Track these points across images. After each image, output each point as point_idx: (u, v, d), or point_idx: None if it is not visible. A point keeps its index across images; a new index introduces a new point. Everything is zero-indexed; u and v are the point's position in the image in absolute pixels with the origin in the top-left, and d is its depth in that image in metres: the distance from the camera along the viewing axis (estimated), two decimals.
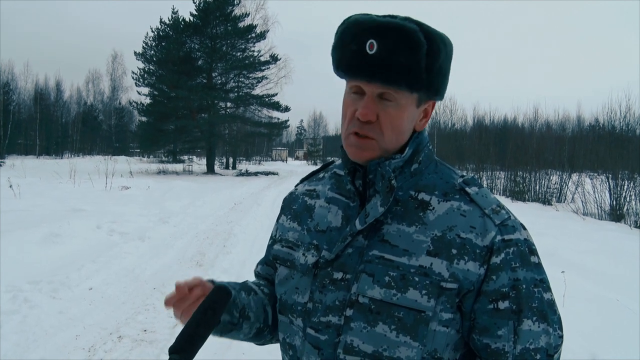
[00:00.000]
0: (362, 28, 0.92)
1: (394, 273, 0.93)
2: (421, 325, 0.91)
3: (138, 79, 31.80)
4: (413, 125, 1.00)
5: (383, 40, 0.89)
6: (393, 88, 0.92)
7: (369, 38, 0.90)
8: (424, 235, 0.94)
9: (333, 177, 1.11)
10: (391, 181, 0.96)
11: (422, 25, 0.92)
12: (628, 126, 17.49)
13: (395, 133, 0.96)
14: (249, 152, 57.20)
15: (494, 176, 20.84)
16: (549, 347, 0.93)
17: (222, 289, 0.97)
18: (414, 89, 0.93)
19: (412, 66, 0.90)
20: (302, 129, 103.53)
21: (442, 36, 0.94)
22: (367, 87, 0.94)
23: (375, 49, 0.90)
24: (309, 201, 1.13)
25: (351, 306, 0.95)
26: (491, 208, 0.96)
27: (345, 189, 1.05)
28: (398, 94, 0.93)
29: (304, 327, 1.01)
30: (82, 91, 62.46)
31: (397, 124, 0.95)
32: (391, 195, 0.96)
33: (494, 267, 0.92)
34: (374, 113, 0.94)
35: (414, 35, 0.89)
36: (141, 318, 4.56)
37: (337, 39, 0.97)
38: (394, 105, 0.94)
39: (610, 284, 5.82)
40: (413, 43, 0.89)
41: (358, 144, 0.96)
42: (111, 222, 8.71)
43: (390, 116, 0.94)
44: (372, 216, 0.96)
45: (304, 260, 1.04)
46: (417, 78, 0.91)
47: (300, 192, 1.18)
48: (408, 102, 0.95)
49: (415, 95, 0.95)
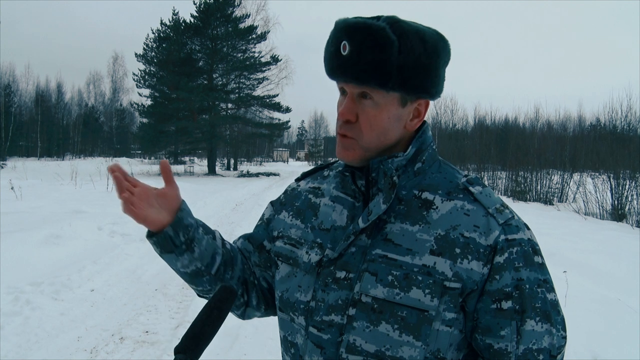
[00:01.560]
0: (337, 30, 0.94)
1: (397, 272, 0.93)
2: (424, 325, 0.91)
3: (139, 81, 31.89)
4: (402, 124, 0.99)
5: (352, 41, 0.91)
6: (367, 87, 0.93)
7: (342, 39, 0.92)
8: (428, 235, 0.94)
9: (338, 175, 1.10)
10: (393, 177, 0.96)
11: (398, 22, 0.91)
12: (629, 125, 17.51)
13: (375, 132, 0.96)
14: (250, 153, 57.28)
15: (495, 176, 20.85)
16: (552, 347, 0.93)
17: (228, 288, 0.96)
18: (387, 87, 0.92)
19: (380, 64, 0.89)
20: (303, 130, 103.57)
21: (420, 32, 0.92)
22: (347, 87, 0.96)
23: (347, 49, 0.91)
24: (313, 199, 1.12)
25: (354, 305, 0.95)
26: (495, 207, 0.96)
27: (350, 188, 1.05)
28: (374, 92, 0.93)
29: (306, 325, 1.01)
30: (83, 93, 62.70)
31: (376, 123, 0.95)
32: (393, 191, 0.96)
33: (497, 267, 0.91)
34: (352, 113, 0.95)
35: (381, 33, 0.89)
36: (143, 319, 4.56)
37: (326, 42, 0.99)
38: (372, 104, 0.95)
39: (612, 284, 5.82)
40: (380, 41, 0.89)
41: (341, 144, 0.99)
42: (112, 224, 8.70)
43: (368, 115, 0.95)
44: (374, 214, 0.95)
45: (307, 258, 1.04)
46: (387, 75, 0.90)
47: (304, 188, 1.17)
48: (387, 102, 0.94)
49: (395, 94, 0.94)
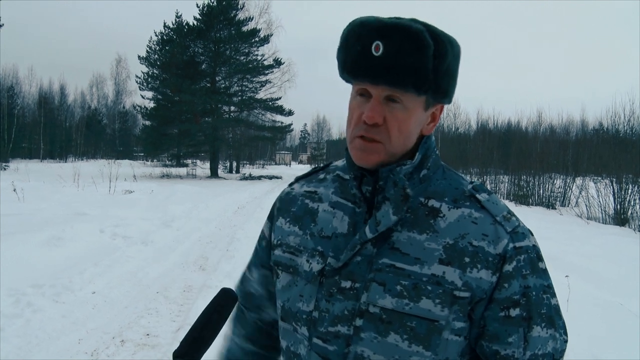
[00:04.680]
0: (367, 29, 0.90)
1: (406, 282, 0.91)
2: (434, 335, 0.90)
3: (142, 83, 31.96)
4: (420, 129, 0.98)
5: (389, 41, 0.87)
6: (400, 90, 0.90)
7: (375, 39, 0.88)
8: (436, 243, 0.93)
9: (336, 180, 1.07)
10: (406, 189, 0.94)
11: (429, 26, 0.90)
12: (632, 130, 17.45)
13: (402, 136, 0.94)
14: (253, 156, 57.31)
15: (497, 180, 20.83)
16: (555, 351, 0.94)
17: (228, 291, 0.95)
18: (421, 91, 0.90)
19: (418, 67, 0.87)
20: (305, 133, 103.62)
21: (449, 38, 0.92)
22: (374, 90, 0.91)
23: (382, 50, 0.87)
24: (310, 204, 1.09)
25: (361, 316, 0.93)
26: (502, 215, 0.95)
27: (350, 193, 1.02)
28: (405, 96, 0.91)
29: (309, 336, 0.99)
30: (86, 95, 62.76)
31: (404, 127, 0.93)
32: (405, 204, 0.94)
33: (506, 275, 0.91)
34: (380, 116, 0.91)
35: (420, 35, 0.87)
36: (144, 322, 4.56)
37: (342, 41, 0.95)
38: (401, 108, 0.92)
39: (614, 288, 5.80)
40: (420, 44, 0.87)
41: (364, 147, 0.94)
42: (114, 226, 8.71)
43: (397, 119, 0.92)
44: (383, 225, 0.94)
45: (308, 267, 1.01)
46: (424, 79, 0.89)
47: (299, 192, 1.13)
48: (415, 105, 0.93)
49: (423, 98, 0.93)
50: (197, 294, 5.42)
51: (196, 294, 5.44)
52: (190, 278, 6.12)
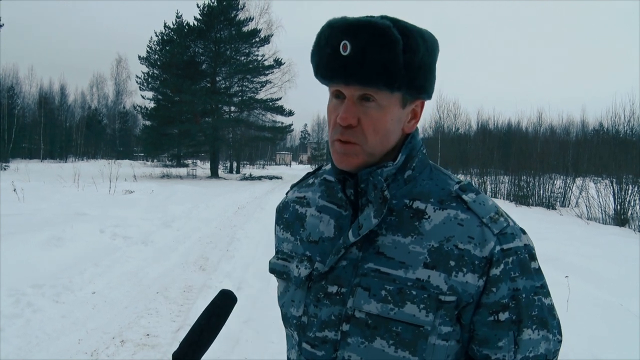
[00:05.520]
0: (335, 30, 0.89)
1: (391, 287, 0.90)
2: (420, 340, 0.89)
3: (142, 83, 31.94)
4: (401, 127, 0.95)
5: (355, 40, 0.86)
6: (372, 88, 0.88)
7: (342, 39, 0.87)
8: (421, 247, 0.91)
9: (323, 183, 1.07)
10: (384, 192, 0.92)
11: (398, 21, 0.88)
12: (632, 130, 17.40)
13: (379, 136, 0.92)
14: (253, 156, 57.34)
15: (497, 180, 20.82)
16: (548, 352, 0.93)
17: (227, 293, 0.95)
18: (394, 88, 0.88)
19: (387, 63, 0.86)
20: (306, 133, 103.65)
21: (420, 31, 0.90)
22: (346, 90, 0.90)
23: (349, 49, 0.86)
24: (299, 209, 1.08)
25: (347, 321, 0.92)
26: (489, 216, 0.92)
27: (337, 197, 1.01)
28: (378, 94, 0.89)
29: (299, 341, 0.99)
30: (87, 95, 62.86)
31: (380, 126, 0.91)
32: (384, 206, 0.92)
33: (493, 279, 0.89)
34: (354, 117, 0.90)
35: (387, 31, 0.85)
36: (144, 322, 4.56)
37: (314, 44, 0.93)
38: (376, 107, 0.90)
39: (614, 289, 5.80)
40: (387, 39, 0.85)
41: (342, 150, 0.92)
42: (114, 226, 8.71)
43: (372, 118, 0.90)
44: (365, 228, 0.92)
45: (297, 272, 1.01)
46: (395, 76, 0.87)
47: (291, 199, 1.13)
48: (391, 103, 0.91)
49: (398, 95, 0.91)
50: (197, 294, 5.42)
51: (196, 294, 5.44)
52: (190, 278, 6.12)
